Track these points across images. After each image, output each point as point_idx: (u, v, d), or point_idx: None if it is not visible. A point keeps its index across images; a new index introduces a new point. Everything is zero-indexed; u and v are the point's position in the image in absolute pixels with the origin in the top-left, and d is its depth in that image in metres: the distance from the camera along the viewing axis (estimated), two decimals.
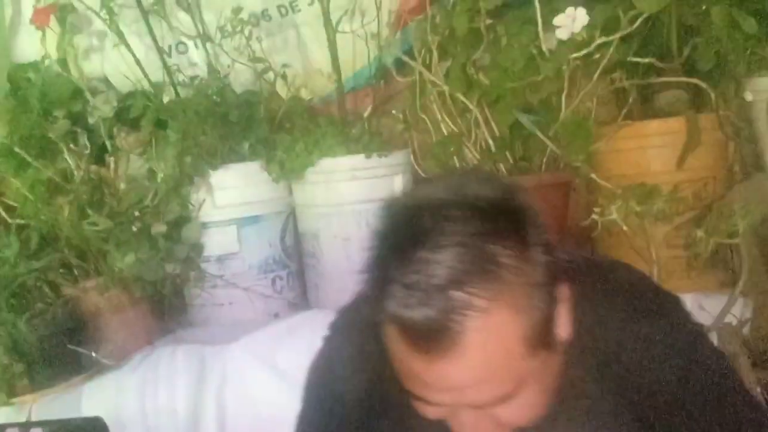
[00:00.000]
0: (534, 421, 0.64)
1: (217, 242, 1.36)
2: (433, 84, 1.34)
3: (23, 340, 1.34)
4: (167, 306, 1.40)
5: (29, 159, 1.35)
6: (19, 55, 1.47)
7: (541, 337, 0.60)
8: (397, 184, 1.36)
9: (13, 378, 1.34)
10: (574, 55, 1.15)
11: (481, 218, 0.58)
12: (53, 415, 1.25)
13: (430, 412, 0.64)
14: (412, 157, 1.40)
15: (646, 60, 1.20)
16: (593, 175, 1.17)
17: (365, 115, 1.44)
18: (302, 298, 1.46)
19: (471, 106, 1.29)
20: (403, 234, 0.60)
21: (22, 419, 1.30)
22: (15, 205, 1.36)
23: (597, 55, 1.17)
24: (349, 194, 1.33)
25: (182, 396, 1.24)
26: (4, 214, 1.36)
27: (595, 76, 1.18)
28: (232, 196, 1.36)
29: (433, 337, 0.57)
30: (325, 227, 1.36)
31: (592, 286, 0.68)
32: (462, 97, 1.30)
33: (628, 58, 1.19)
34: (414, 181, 1.41)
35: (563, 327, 0.63)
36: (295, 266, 1.45)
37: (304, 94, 1.44)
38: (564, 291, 0.63)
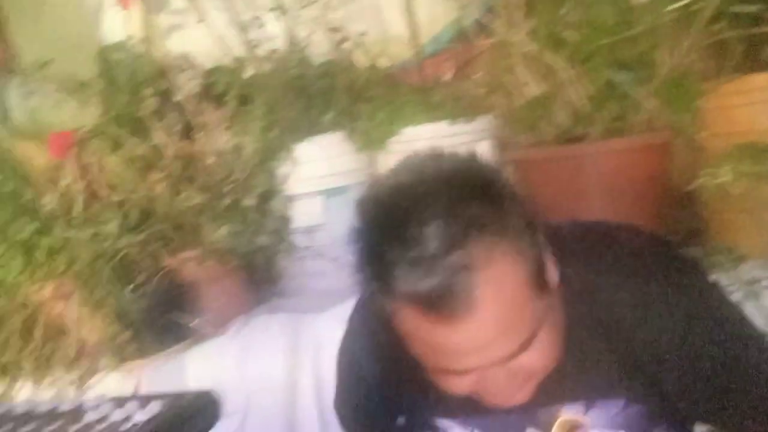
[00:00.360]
0: (555, 362, 0.68)
1: (304, 214, 1.39)
2: (518, 44, 1.29)
3: (128, 310, 1.43)
4: (260, 276, 1.45)
5: (123, 137, 1.41)
6: (107, 36, 1.52)
7: (539, 280, 0.65)
8: (482, 150, 1.34)
9: (122, 345, 1.43)
10: (672, 6, 1.09)
11: (455, 186, 0.63)
12: (160, 380, 1.33)
13: (460, 385, 0.67)
14: (495, 122, 1.37)
15: (752, 8, 1.11)
16: (700, 134, 1.11)
17: (446, 80, 1.41)
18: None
19: (560, 66, 1.25)
20: (390, 217, 0.63)
21: (131, 385, 1.39)
22: (115, 182, 1.42)
23: (696, 6, 1.09)
24: None
25: (279, 363, 1.29)
26: (105, 191, 1.43)
27: (696, 27, 1.10)
28: (316, 167, 1.38)
29: (447, 302, 0.60)
30: None
31: (583, 243, 0.73)
32: (550, 57, 1.25)
33: (732, 8, 1.11)
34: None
35: (551, 272, 0.67)
36: None
37: (383, 62, 1.42)
38: (543, 240, 0.67)
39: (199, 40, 1.45)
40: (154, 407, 0.64)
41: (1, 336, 1.52)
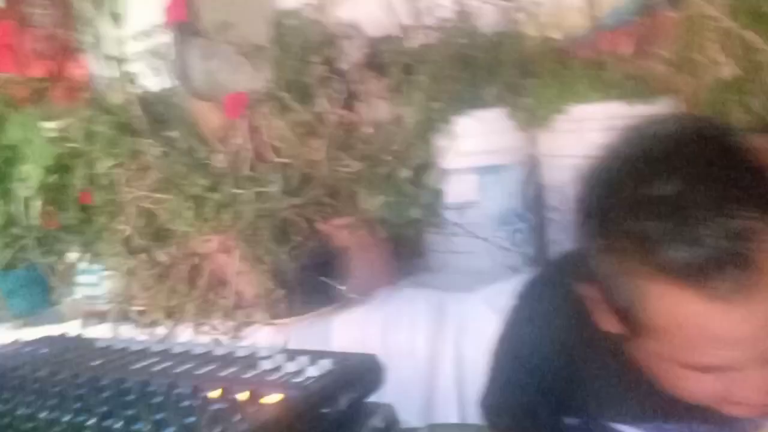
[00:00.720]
0: None
1: (457, 190, 1.36)
2: (714, 19, 1.15)
3: (283, 269, 1.49)
4: (408, 249, 1.44)
5: (289, 103, 1.46)
6: (284, 2, 1.56)
7: None
8: None
9: (274, 302, 1.50)
10: None
11: (717, 150, 0.56)
12: (306, 340, 1.38)
13: (704, 385, 0.57)
14: (679, 105, 1.24)
15: None
16: None
17: (624, 56, 1.29)
18: (541, 254, 1.41)
19: (759, 46, 1.09)
20: (647, 184, 0.55)
21: (280, 340, 1.45)
22: (280, 145, 1.48)
23: None
24: None
25: (421, 338, 1.28)
26: (270, 153, 1.49)
27: None
28: (474, 143, 1.33)
29: (721, 275, 0.52)
30: (574, 180, 1.27)
31: None
32: (749, 35, 1.10)
33: None
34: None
35: None
36: (535, 220, 1.40)
37: (555, 34, 1.33)
38: None
39: (369, 9, 1.45)
40: (325, 364, 0.65)
41: (170, 281, 1.66)
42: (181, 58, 1.77)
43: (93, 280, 1.82)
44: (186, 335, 1.54)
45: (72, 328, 1.72)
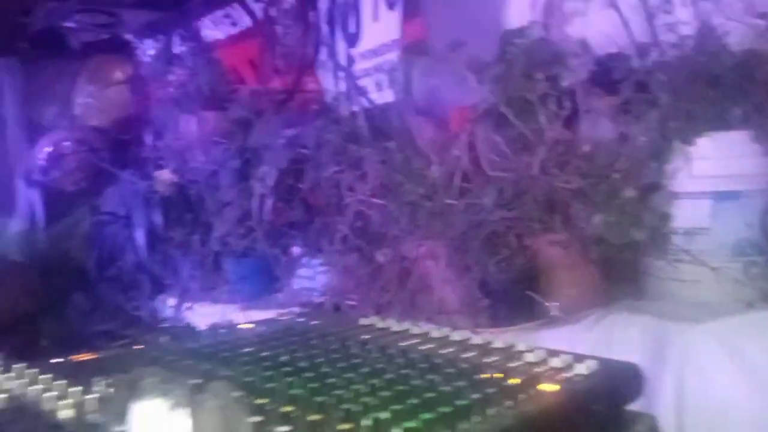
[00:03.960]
0: None
1: (687, 215, 1.28)
2: None
3: (489, 280, 1.52)
4: (624, 272, 1.39)
5: (510, 117, 1.49)
6: (509, 21, 1.61)
7: None
8: None
9: (478, 312, 1.53)
10: None
11: None
12: None
13: None
14: None
15: None
16: None
17: None
18: None
19: None
20: None
21: None
22: (496, 159, 1.51)
23: None
24: None
25: None
26: (485, 166, 1.53)
27: None
28: (711, 166, 1.25)
29: None
30: None
31: None
32: None
33: None
34: None
35: None
36: None
37: None
38: None
39: (599, 26, 1.44)
40: (591, 364, 0.67)
41: (381, 280, 1.77)
42: (406, 74, 1.89)
43: (310, 274, 2.01)
44: None
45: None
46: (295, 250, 2.02)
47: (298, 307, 1.88)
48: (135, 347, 0.89)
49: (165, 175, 2.18)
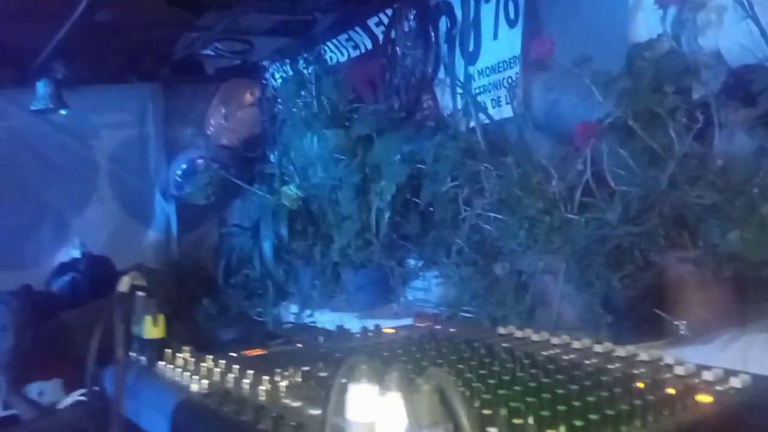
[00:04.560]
0: None
1: None
2: None
3: (615, 296, 1.49)
4: (759, 291, 1.32)
5: (637, 131, 1.46)
6: (636, 35, 1.59)
7: None
8: None
9: (600, 327, 1.50)
10: None
11: None
12: None
13: None
14: None
15: None
16: None
17: None
18: None
19: None
20: None
21: None
22: (621, 173, 1.49)
23: None
24: None
25: None
26: (610, 180, 1.51)
27: None
28: None
29: None
30: None
31: None
32: None
33: None
34: None
35: None
36: None
37: None
38: None
39: (735, 37, 1.39)
40: (746, 378, 0.67)
41: (498, 293, 1.78)
42: (526, 90, 1.90)
43: (425, 285, 2.05)
44: None
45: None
46: (411, 262, 2.07)
47: (420, 319, 1.93)
48: (297, 345, 0.97)
49: (290, 190, 2.31)
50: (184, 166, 3.00)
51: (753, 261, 1.25)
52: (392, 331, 1.04)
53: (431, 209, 2.05)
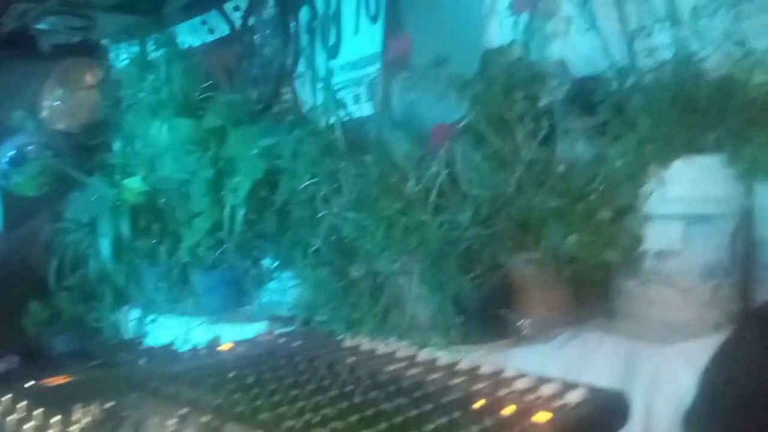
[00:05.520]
0: None
1: (659, 236, 1.29)
2: None
3: (463, 298, 1.51)
4: (596, 292, 1.40)
5: (488, 136, 1.49)
6: (490, 40, 1.62)
7: None
8: None
9: (450, 329, 1.52)
10: None
11: None
12: None
13: None
14: None
15: None
16: None
17: None
18: (747, 314, 1.30)
19: None
20: None
21: None
22: (473, 176, 1.51)
23: None
24: None
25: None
26: (462, 183, 1.53)
27: None
28: (684, 189, 1.27)
29: None
30: None
31: None
32: None
33: None
34: None
35: None
36: (743, 276, 1.29)
37: None
38: None
39: (580, 48, 1.46)
40: (581, 392, 0.66)
41: (353, 296, 1.75)
42: (385, 88, 1.89)
43: (281, 287, 1.97)
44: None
45: (258, 329, 1.86)
46: (266, 263, 1.99)
47: (275, 323, 1.85)
48: (111, 369, 0.86)
49: (134, 183, 2.13)
50: (11, 153, 2.67)
51: (590, 263, 1.31)
52: (229, 346, 0.96)
53: (288, 207, 1.97)
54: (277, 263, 1.99)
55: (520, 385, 0.70)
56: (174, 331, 1.99)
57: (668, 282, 1.29)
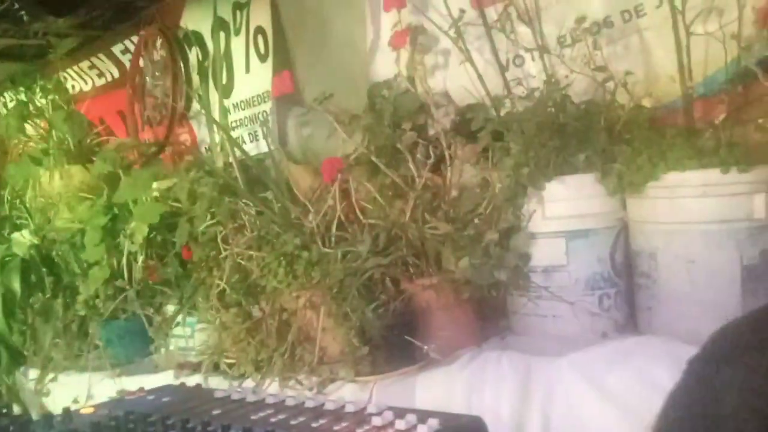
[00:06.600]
0: None
1: (544, 254, 1.36)
2: None
3: (368, 327, 1.52)
4: (492, 311, 1.45)
5: (381, 166, 1.53)
6: (376, 74, 1.67)
7: None
8: (758, 204, 1.19)
9: (358, 359, 1.52)
10: None
11: None
12: (390, 399, 1.39)
13: None
14: None
15: None
16: None
17: (717, 123, 1.29)
18: (629, 320, 1.38)
19: None
20: None
21: (363, 397, 1.46)
22: (369, 207, 1.54)
23: None
24: (698, 212, 1.20)
25: (506, 401, 1.27)
26: (360, 214, 1.56)
27: None
28: (562, 208, 1.35)
29: None
30: (665, 247, 1.26)
31: None
32: None
33: None
34: None
35: None
36: (623, 285, 1.38)
37: (647, 102, 1.35)
38: None
39: (459, 80, 1.52)
40: (433, 423, 0.67)
41: (260, 335, 1.72)
42: (280, 125, 1.89)
43: (187, 333, 1.91)
44: (273, 389, 1.58)
45: (165, 378, 1.80)
46: (170, 308, 1.92)
47: (182, 370, 1.77)
48: None
49: (23, 237, 2.02)
50: None
51: (482, 285, 1.36)
52: (90, 411, 0.91)
53: (190, 250, 1.93)
54: (180, 308, 1.93)
55: (377, 421, 0.71)
56: (76, 388, 1.89)
57: (556, 296, 1.36)
